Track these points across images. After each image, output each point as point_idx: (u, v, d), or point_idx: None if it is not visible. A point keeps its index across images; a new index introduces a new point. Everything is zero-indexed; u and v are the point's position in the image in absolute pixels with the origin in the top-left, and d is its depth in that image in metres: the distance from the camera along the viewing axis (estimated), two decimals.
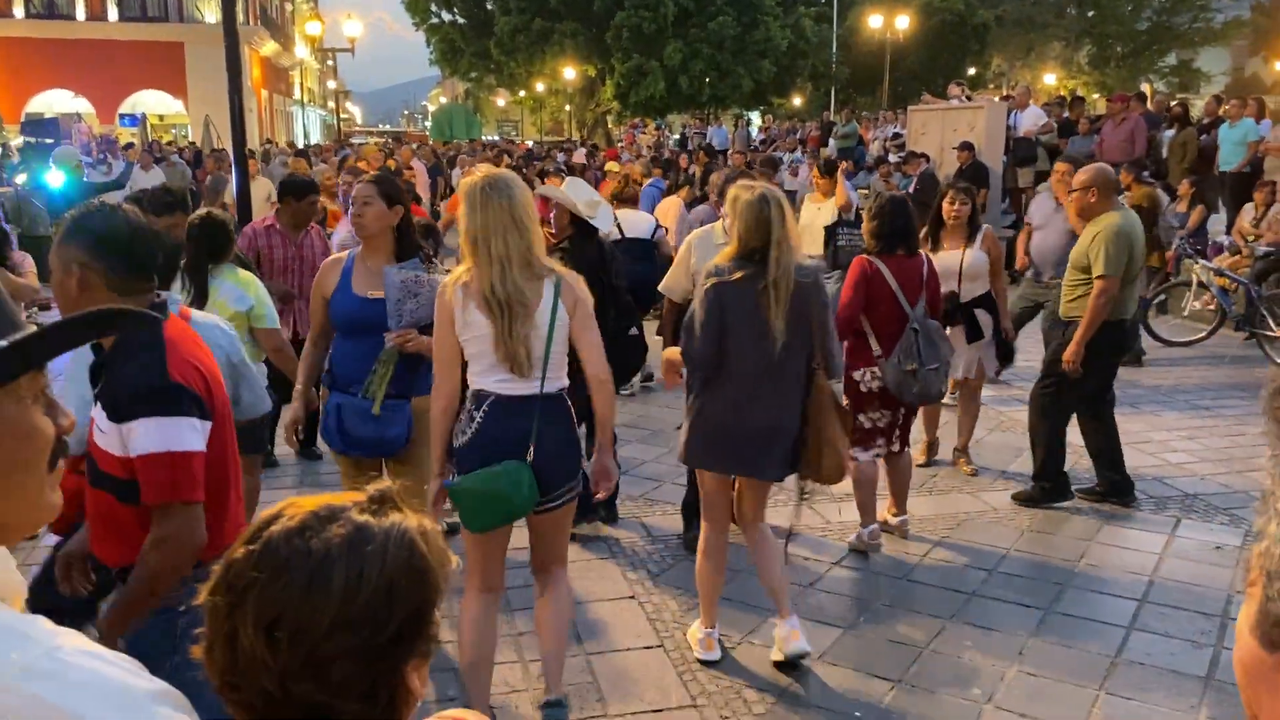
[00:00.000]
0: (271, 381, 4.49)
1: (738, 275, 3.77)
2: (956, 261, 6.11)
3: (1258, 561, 0.63)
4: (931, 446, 6.65)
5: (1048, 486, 5.92)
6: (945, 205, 6.22)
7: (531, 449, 3.27)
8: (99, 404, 2.34)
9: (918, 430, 6.33)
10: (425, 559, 1.15)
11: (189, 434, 2.31)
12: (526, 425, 3.29)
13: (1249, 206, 11.75)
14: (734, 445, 3.92)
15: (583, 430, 3.94)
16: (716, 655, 4.16)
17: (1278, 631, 0.62)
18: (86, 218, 2.39)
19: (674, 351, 4.17)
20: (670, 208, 9.73)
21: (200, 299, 4.68)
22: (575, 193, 5.36)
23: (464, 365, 3.41)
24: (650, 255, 7.67)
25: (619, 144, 28.36)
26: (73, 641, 0.96)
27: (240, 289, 4.73)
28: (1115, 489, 5.94)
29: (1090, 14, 37.09)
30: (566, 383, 3.41)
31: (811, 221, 8.74)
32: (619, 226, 7.19)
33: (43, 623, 0.98)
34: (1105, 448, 5.96)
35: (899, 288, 5.07)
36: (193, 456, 2.31)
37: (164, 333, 2.36)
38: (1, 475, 1.04)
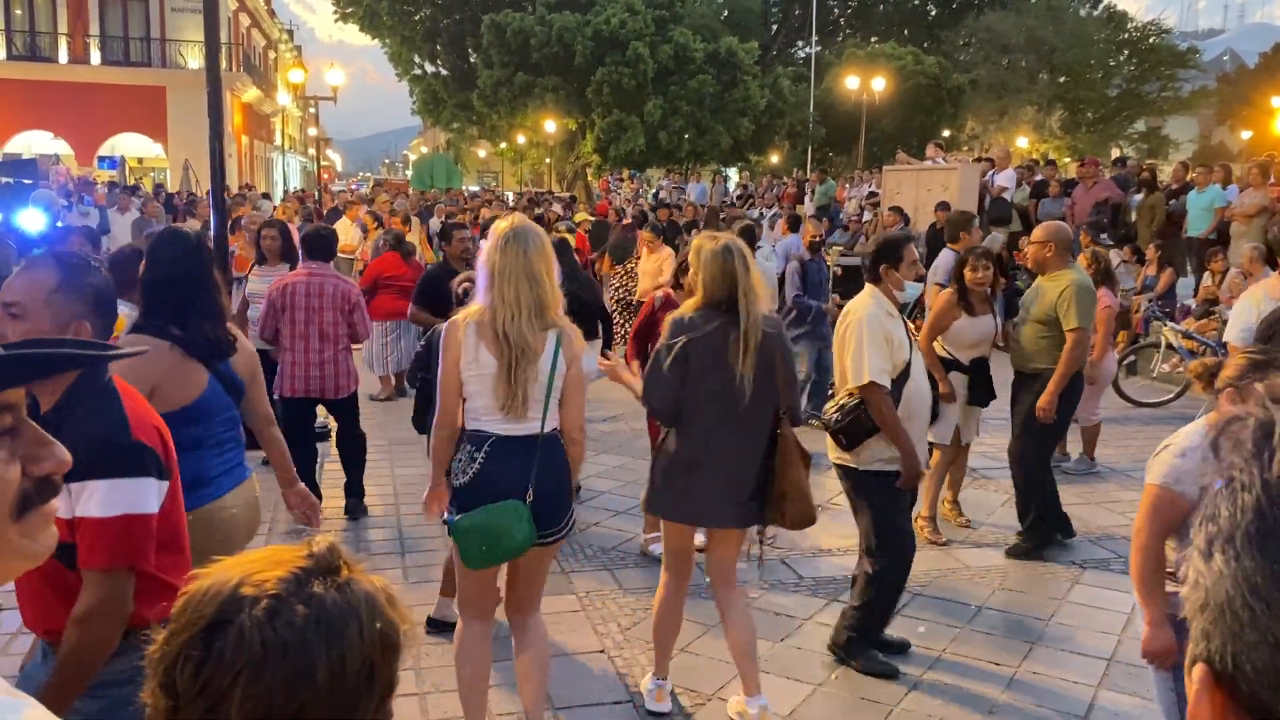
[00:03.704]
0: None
1: (708, 328, 3.80)
2: (990, 329, 6.15)
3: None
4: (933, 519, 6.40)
5: (1039, 537, 6.04)
6: (967, 272, 6.03)
7: (531, 490, 3.39)
8: None
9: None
10: (396, 629, 1.10)
11: (150, 496, 2.22)
12: (526, 465, 3.42)
13: (1209, 274, 11.97)
14: (697, 496, 3.92)
15: None
16: (667, 708, 4.15)
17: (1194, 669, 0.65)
18: None
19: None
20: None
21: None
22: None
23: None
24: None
25: (598, 196, 28.62)
26: (30, 714, 0.94)
27: None
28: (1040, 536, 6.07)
29: (1062, 80, 37.82)
30: (559, 424, 3.54)
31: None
32: None
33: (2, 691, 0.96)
34: (1043, 496, 6.07)
35: None
36: (150, 520, 2.21)
37: (115, 385, 2.27)
38: None
